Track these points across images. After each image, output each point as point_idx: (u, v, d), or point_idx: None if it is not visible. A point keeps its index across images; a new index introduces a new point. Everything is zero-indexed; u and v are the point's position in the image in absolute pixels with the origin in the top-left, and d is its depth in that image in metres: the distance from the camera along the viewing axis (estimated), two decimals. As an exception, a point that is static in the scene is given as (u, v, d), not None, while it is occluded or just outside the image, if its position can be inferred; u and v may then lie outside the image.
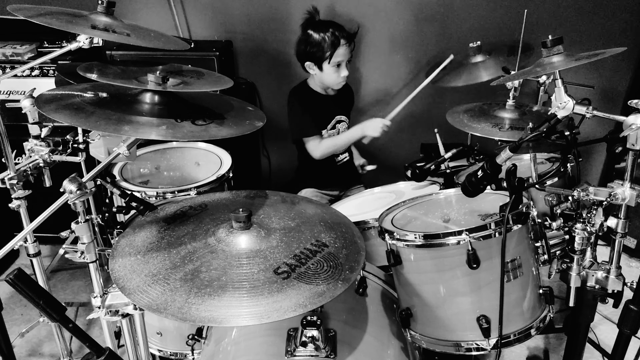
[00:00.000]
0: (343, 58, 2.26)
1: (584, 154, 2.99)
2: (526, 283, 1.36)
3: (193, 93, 1.38)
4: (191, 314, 0.99)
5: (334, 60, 2.24)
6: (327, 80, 2.32)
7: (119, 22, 1.36)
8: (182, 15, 2.83)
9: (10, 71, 2.13)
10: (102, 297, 1.21)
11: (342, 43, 2.23)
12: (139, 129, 1.14)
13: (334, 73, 2.28)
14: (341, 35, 2.24)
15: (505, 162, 1.32)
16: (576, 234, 1.34)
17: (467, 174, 1.35)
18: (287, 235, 1.22)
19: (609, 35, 2.72)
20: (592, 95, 1.45)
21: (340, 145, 2.37)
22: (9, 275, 0.97)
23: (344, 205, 2.15)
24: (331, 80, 2.31)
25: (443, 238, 1.32)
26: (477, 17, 2.75)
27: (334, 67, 2.26)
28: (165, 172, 2.22)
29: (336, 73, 2.28)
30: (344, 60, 2.27)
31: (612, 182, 1.27)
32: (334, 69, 2.27)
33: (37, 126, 1.68)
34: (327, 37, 2.24)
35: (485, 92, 2.17)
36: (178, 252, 1.16)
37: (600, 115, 1.24)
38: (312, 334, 1.22)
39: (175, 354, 1.76)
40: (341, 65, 2.27)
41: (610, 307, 1.36)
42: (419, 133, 2.95)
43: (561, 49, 1.32)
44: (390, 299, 1.58)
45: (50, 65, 2.48)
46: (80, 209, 1.17)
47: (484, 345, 1.34)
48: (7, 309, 2.39)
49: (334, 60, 2.24)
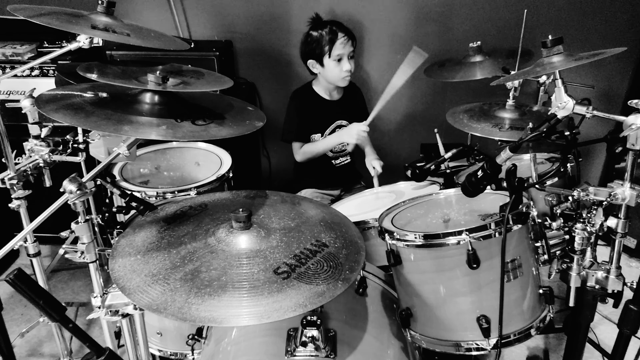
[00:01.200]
0: (343, 52, 2.26)
1: (584, 154, 2.99)
2: (526, 283, 1.36)
3: (193, 93, 1.38)
4: (191, 314, 0.99)
5: (334, 54, 2.25)
6: (331, 77, 2.32)
7: (119, 22, 1.36)
8: (182, 15, 2.83)
9: (10, 71, 2.13)
10: (102, 297, 1.21)
11: (340, 36, 2.25)
12: (139, 129, 1.14)
13: (335, 67, 2.28)
14: (339, 29, 2.26)
15: (505, 162, 1.32)
16: (576, 234, 1.34)
17: (467, 174, 1.35)
18: (287, 235, 1.22)
19: (609, 35, 2.72)
20: (592, 95, 1.45)
21: (318, 152, 2.39)
22: (9, 275, 0.97)
23: (344, 205, 2.15)
24: (334, 76, 2.31)
25: (443, 238, 1.32)
26: (477, 17, 2.75)
27: (335, 62, 2.27)
28: (165, 172, 2.22)
29: (338, 67, 2.28)
30: (344, 54, 2.27)
31: (612, 182, 1.27)
32: (335, 63, 2.27)
33: (37, 126, 1.68)
34: (324, 32, 2.27)
35: (485, 92, 2.17)
36: (178, 252, 1.16)
37: (600, 115, 1.24)
38: (312, 334, 1.22)
39: (175, 354, 1.76)
40: (343, 60, 2.28)
41: (610, 307, 1.36)
42: (419, 133, 2.95)
43: (561, 49, 1.32)
44: (390, 299, 1.58)
45: (50, 65, 2.48)
46: (80, 209, 1.17)
47: (484, 345, 1.34)
48: (7, 309, 2.39)
49: (334, 53, 2.25)
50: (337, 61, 2.27)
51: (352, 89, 2.51)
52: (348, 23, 2.37)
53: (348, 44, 2.27)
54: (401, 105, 3.01)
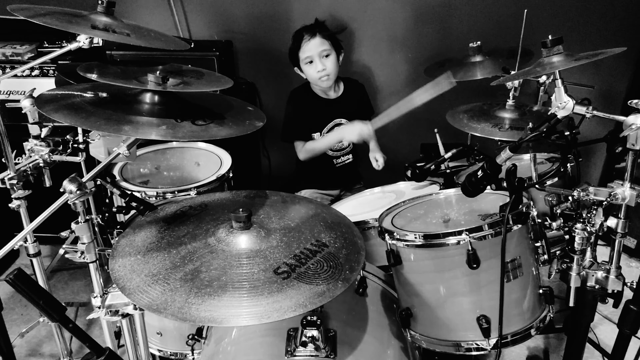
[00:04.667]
0: (311, 53, 2.23)
1: (584, 154, 2.97)
2: (526, 283, 1.36)
3: (193, 93, 1.38)
4: (191, 314, 0.99)
5: (303, 57, 2.25)
6: (311, 80, 2.33)
7: (119, 22, 1.36)
8: (182, 15, 2.83)
9: (10, 71, 2.13)
10: (102, 297, 1.21)
11: (306, 38, 2.22)
12: (139, 129, 1.14)
13: (309, 70, 2.27)
14: (304, 31, 2.24)
15: (505, 162, 1.32)
16: (576, 234, 1.34)
17: (467, 174, 1.35)
18: (287, 235, 1.22)
19: (609, 35, 2.72)
20: (592, 95, 1.45)
21: (320, 149, 2.38)
22: (9, 275, 0.97)
23: (344, 205, 2.15)
24: (312, 78, 2.31)
25: (443, 238, 1.32)
26: (477, 17, 2.75)
27: (307, 65, 2.26)
28: (165, 172, 2.22)
29: (312, 69, 2.26)
30: (313, 55, 2.23)
31: (612, 182, 1.27)
32: (309, 65, 2.26)
33: (37, 126, 1.68)
34: (293, 39, 2.27)
35: (485, 92, 2.17)
36: (178, 252, 1.16)
37: (600, 115, 1.24)
38: (312, 334, 1.22)
39: (175, 354, 1.76)
40: (314, 61, 2.24)
41: (610, 307, 1.36)
42: (419, 133, 2.94)
43: (561, 49, 1.32)
44: (390, 299, 1.58)
45: (50, 65, 2.48)
46: (80, 209, 1.17)
47: (484, 345, 1.34)
48: (7, 309, 2.39)
49: (302, 57, 2.25)
50: (310, 63, 2.26)
51: (354, 86, 2.49)
52: (348, 23, 2.36)
53: (315, 43, 2.21)
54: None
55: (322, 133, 2.39)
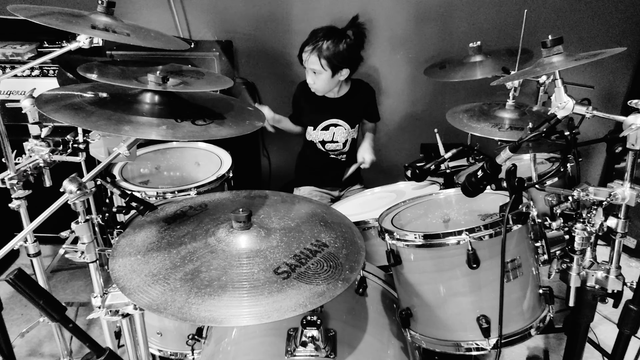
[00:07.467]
0: (306, 64, 2.27)
1: (584, 154, 2.99)
2: (526, 283, 1.36)
3: (193, 93, 1.38)
4: (191, 314, 0.99)
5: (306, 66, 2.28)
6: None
7: (119, 22, 1.36)
8: (182, 15, 2.83)
9: (10, 71, 2.12)
10: (102, 297, 1.21)
11: (306, 51, 2.25)
12: (139, 129, 1.15)
13: (306, 74, 2.32)
14: (305, 42, 2.26)
15: (505, 162, 1.32)
16: (576, 234, 1.34)
17: (467, 174, 1.35)
18: (287, 235, 1.22)
19: (609, 35, 2.72)
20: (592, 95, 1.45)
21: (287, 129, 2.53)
22: (9, 275, 0.97)
23: (344, 205, 2.15)
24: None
25: (443, 238, 1.32)
26: (477, 17, 2.75)
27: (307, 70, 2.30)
28: (165, 172, 2.22)
29: (307, 75, 2.31)
30: (307, 67, 2.27)
31: (612, 182, 1.27)
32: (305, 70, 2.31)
33: (37, 126, 1.68)
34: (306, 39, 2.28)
35: (485, 92, 2.17)
36: (178, 252, 1.16)
37: (600, 115, 1.24)
38: (312, 334, 1.22)
39: (175, 354, 1.76)
40: (308, 72, 2.29)
41: (610, 307, 1.36)
42: (419, 133, 2.95)
43: (561, 49, 1.32)
44: (390, 299, 1.58)
45: (50, 65, 2.48)
46: (80, 209, 1.18)
47: (484, 345, 1.34)
48: (7, 309, 2.39)
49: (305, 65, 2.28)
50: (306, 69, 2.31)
51: (362, 89, 2.49)
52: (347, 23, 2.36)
53: (309, 59, 2.22)
54: (401, 105, 3.01)
55: (315, 128, 2.41)
